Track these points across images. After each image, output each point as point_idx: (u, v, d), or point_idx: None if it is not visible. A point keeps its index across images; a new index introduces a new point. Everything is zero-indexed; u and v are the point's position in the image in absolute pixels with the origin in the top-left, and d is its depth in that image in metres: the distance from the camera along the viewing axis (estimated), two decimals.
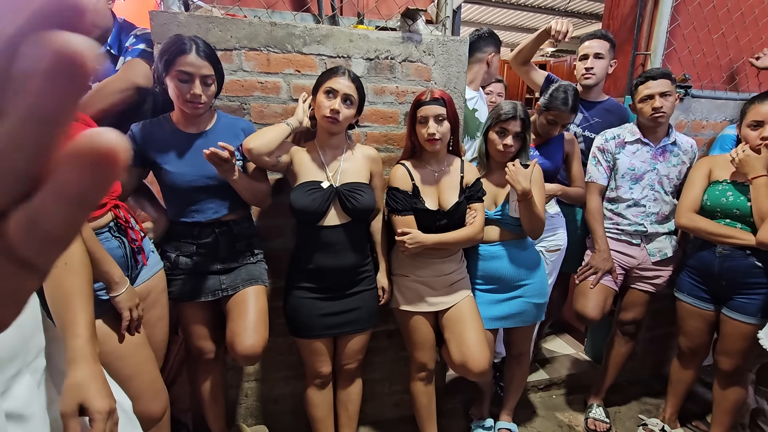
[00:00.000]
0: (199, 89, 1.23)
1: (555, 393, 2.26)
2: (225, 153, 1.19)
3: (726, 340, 1.69)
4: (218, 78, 1.30)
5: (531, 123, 1.58)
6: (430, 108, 1.43)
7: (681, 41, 2.11)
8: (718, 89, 2.24)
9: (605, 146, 1.89)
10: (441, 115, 1.44)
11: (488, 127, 1.59)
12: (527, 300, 1.65)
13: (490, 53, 2.02)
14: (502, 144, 1.55)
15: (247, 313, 1.39)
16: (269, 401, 1.81)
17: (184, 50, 1.20)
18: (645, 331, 2.26)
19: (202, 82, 1.24)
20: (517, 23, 6.98)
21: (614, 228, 1.92)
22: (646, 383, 2.34)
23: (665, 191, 1.85)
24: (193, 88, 1.22)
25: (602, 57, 1.97)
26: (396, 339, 1.86)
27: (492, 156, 1.62)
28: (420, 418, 1.72)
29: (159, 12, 1.37)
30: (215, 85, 1.29)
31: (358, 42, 1.55)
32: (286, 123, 1.39)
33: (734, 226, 1.63)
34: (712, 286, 1.71)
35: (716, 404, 1.79)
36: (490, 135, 1.58)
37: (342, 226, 1.43)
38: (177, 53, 1.20)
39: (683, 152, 1.85)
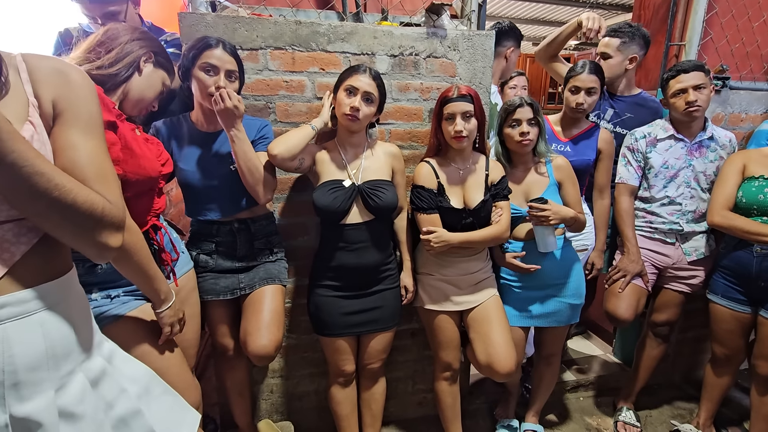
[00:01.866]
0: (223, 81, 1.26)
1: (582, 395, 2.21)
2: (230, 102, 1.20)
3: (765, 344, 1.62)
4: (240, 78, 1.32)
5: (540, 109, 1.56)
6: (457, 105, 1.41)
7: (718, 30, 2.01)
8: (758, 80, 2.13)
9: (635, 146, 1.82)
10: (468, 112, 1.42)
11: (501, 126, 1.57)
12: (562, 300, 1.61)
13: (510, 48, 1.99)
14: (519, 133, 1.51)
15: (262, 312, 1.39)
16: (294, 398, 1.83)
17: (210, 45, 1.25)
18: (677, 333, 2.18)
19: (227, 76, 1.27)
20: (542, 16, 6.82)
21: (647, 226, 1.85)
22: (678, 387, 2.26)
23: (702, 188, 1.77)
24: (218, 80, 1.25)
25: (609, 57, 1.90)
26: (420, 338, 1.85)
27: (512, 151, 1.59)
28: (444, 417, 1.70)
29: (187, 13, 1.39)
30: (237, 83, 1.31)
31: (383, 38, 1.53)
32: (311, 126, 1.39)
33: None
34: (749, 287, 1.64)
35: (754, 410, 1.71)
36: (505, 131, 1.55)
37: (364, 224, 1.43)
38: (204, 48, 1.25)
39: (721, 147, 1.77)
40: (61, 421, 0.63)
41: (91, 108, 0.69)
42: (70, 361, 0.67)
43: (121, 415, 0.72)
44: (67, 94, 0.66)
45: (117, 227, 0.69)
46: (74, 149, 0.65)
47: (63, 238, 0.65)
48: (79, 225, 0.63)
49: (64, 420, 0.63)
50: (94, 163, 0.67)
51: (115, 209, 0.68)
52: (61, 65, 0.68)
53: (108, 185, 0.68)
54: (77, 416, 0.65)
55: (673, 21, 2.04)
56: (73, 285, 0.72)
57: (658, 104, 1.98)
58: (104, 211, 0.65)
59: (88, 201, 0.63)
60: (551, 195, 1.56)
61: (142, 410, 0.75)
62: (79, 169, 0.65)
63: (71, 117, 0.66)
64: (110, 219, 0.67)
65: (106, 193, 0.67)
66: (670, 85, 1.70)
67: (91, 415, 0.67)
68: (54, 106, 0.65)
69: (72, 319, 0.68)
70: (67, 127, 0.66)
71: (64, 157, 0.65)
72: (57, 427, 0.62)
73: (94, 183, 0.66)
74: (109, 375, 0.73)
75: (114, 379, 0.73)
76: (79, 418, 0.65)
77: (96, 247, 0.67)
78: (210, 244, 1.41)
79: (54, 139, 0.65)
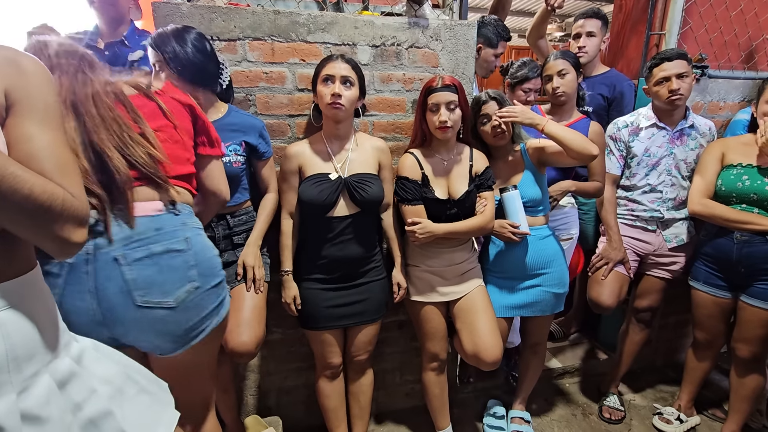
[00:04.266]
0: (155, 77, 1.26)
1: (568, 381, 2.24)
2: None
3: (744, 327, 1.66)
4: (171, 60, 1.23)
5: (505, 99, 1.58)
6: (441, 95, 1.40)
7: (697, 19, 2.03)
8: (735, 69, 2.16)
9: (617, 135, 1.84)
10: (453, 102, 1.41)
11: (474, 125, 1.58)
12: (546, 289, 1.62)
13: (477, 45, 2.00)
14: (491, 126, 1.53)
15: (242, 309, 1.37)
16: (282, 392, 1.82)
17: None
18: (658, 318, 2.23)
19: (155, 68, 1.27)
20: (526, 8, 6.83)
21: (629, 214, 1.88)
22: (660, 371, 2.32)
23: (682, 176, 1.80)
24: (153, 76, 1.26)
25: (594, 35, 2.07)
26: (407, 329, 1.86)
27: (491, 145, 1.61)
28: (432, 407, 1.72)
29: (162, 3, 1.35)
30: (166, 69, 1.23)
31: (364, 29, 1.51)
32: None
33: (751, 211, 1.58)
34: (730, 273, 1.67)
35: (734, 391, 1.76)
36: (479, 129, 1.58)
37: (350, 217, 1.42)
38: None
39: (701, 135, 1.80)
40: (24, 425, 0.60)
41: (47, 98, 0.66)
42: (33, 363, 0.64)
43: (90, 416, 0.69)
44: (21, 84, 0.63)
45: (80, 221, 0.65)
46: (30, 141, 0.62)
47: (20, 232, 0.61)
48: (37, 218, 0.60)
49: (27, 423, 0.61)
50: (52, 155, 0.63)
51: (77, 202, 0.64)
52: (14, 54, 0.65)
53: (69, 177, 0.65)
54: (42, 419, 0.62)
55: (653, 10, 2.05)
56: (37, 283, 0.69)
57: (620, 80, 2.06)
58: (65, 203, 0.62)
59: (46, 192, 0.60)
60: (528, 181, 1.57)
61: (113, 411, 0.72)
62: (36, 162, 0.61)
63: (26, 108, 0.63)
64: (72, 212, 0.63)
65: (67, 186, 0.64)
66: (653, 74, 1.71)
67: (58, 418, 0.64)
68: (6, 97, 0.62)
69: (36, 319, 0.65)
70: (21, 119, 0.62)
71: (19, 150, 0.62)
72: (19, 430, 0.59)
73: (53, 176, 0.62)
74: (77, 376, 0.70)
75: (83, 379, 0.71)
76: (44, 421, 0.62)
77: (56, 241, 0.63)
78: None
79: (8, 131, 0.62)
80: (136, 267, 0.90)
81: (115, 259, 0.89)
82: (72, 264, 0.86)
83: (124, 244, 0.90)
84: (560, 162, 1.54)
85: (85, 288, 0.88)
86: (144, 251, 0.92)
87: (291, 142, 1.54)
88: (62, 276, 0.87)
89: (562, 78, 1.73)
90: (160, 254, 0.93)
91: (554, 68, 1.73)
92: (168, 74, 1.24)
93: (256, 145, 1.38)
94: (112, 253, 0.89)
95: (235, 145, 1.35)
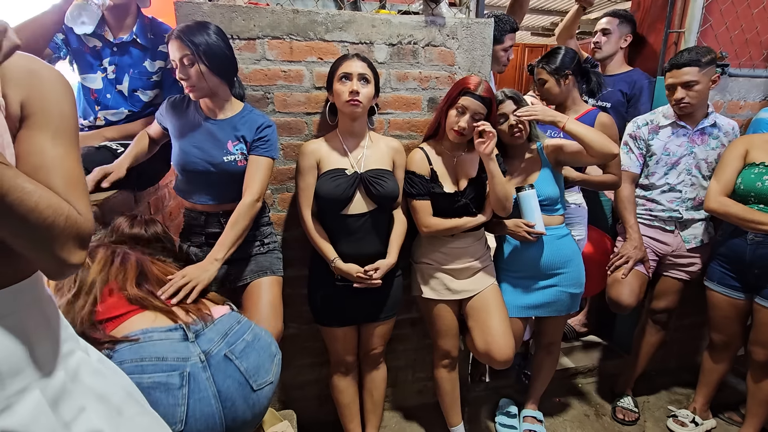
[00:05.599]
0: (181, 72, 1.26)
1: (581, 381, 2.23)
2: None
3: (760, 330, 1.63)
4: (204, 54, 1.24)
5: (522, 98, 1.58)
6: (475, 103, 1.39)
7: (718, 17, 2.00)
8: (757, 67, 2.12)
9: (637, 133, 1.83)
10: (481, 114, 1.41)
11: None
12: (562, 289, 1.62)
13: None
14: (508, 127, 1.53)
15: (259, 304, 1.39)
16: (295, 387, 1.84)
17: (170, 38, 1.26)
18: (674, 320, 2.20)
19: (182, 64, 1.25)
20: (540, 5, 6.76)
21: (647, 214, 1.86)
22: (674, 373, 2.29)
23: (703, 176, 1.77)
24: (178, 71, 1.26)
25: (609, 32, 2.13)
26: (419, 327, 1.87)
27: (508, 144, 1.61)
28: (444, 404, 1.72)
29: (183, 2, 1.38)
30: (199, 63, 1.24)
31: (381, 27, 1.52)
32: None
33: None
34: (744, 274, 1.65)
35: (751, 395, 1.74)
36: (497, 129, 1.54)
37: (366, 215, 1.43)
38: (167, 43, 1.28)
39: (724, 134, 1.77)
40: None
41: (64, 110, 0.63)
42: (20, 379, 0.59)
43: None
44: (39, 96, 0.61)
45: (82, 241, 0.60)
46: (40, 154, 0.59)
47: (19, 246, 0.57)
48: (39, 233, 0.55)
49: None
50: (62, 169, 0.60)
51: (82, 219, 0.60)
52: (36, 64, 0.63)
53: (77, 195, 0.61)
54: None
55: (672, 8, 2.02)
56: (32, 293, 0.63)
57: (642, 79, 2.08)
58: (69, 220, 0.57)
59: (51, 206, 0.55)
60: (545, 180, 1.56)
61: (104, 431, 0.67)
62: (44, 176, 0.58)
63: (41, 120, 0.60)
64: (76, 231, 0.59)
65: (74, 203, 0.60)
66: (665, 78, 1.71)
67: None
68: (23, 108, 0.60)
69: (26, 332, 0.60)
70: (34, 131, 0.60)
71: (28, 162, 0.58)
72: None
73: (61, 191, 0.59)
74: (68, 392, 0.64)
75: (73, 397, 0.65)
76: None
77: (55, 261, 0.58)
78: (200, 237, 1.41)
79: (19, 142, 0.59)
80: (243, 357, 0.98)
81: (226, 356, 0.96)
82: (191, 373, 0.89)
83: (225, 342, 0.98)
84: (579, 161, 1.54)
85: (210, 393, 0.91)
86: (242, 343, 1.01)
87: (308, 139, 1.55)
88: (184, 386, 0.88)
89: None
90: (252, 341, 1.03)
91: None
92: (197, 69, 1.25)
93: (250, 140, 1.35)
94: (222, 352, 0.96)
95: (242, 144, 1.36)
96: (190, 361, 0.89)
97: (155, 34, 1.57)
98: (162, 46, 1.58)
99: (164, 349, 0.88)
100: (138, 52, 1.55)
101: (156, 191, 1.86)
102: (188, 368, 0.89)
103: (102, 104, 1.55)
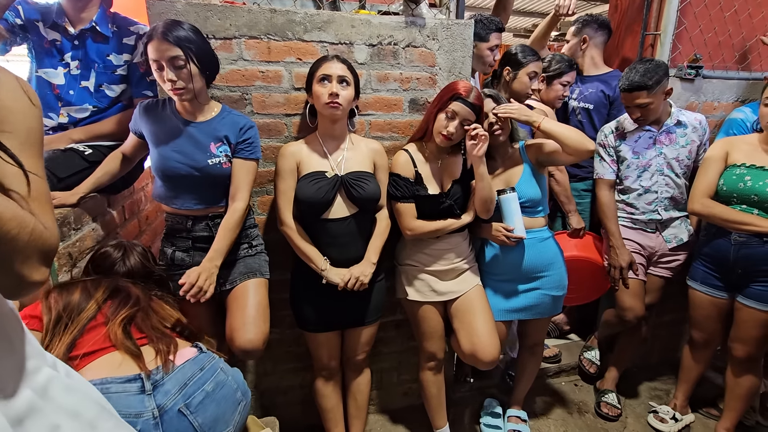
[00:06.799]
0: (170, 74, 1.19)
1: (564, 380, 2.25)
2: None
3: (741, 328, 1.66)
4: (196, 57, 1.22)
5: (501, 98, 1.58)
6: (465, 109, 1.39)
7: (692, 20, 2.04)
8: (730, 69, 2.17)
9: (605, 141, 1.87)
10: (470, 121, 1.41)
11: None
12: (545, 292, 1.62)
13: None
14: (488, 123, 1.52)
15: (246, 307, 1.36)
16: (279, 392, 1.81)
17: (150, 37, 1.19)
18: (653, 317, 2.24)
19: (171, 66, 1.19)
20: (521, 7, 6.84)
21: (628, 218, 1.89)
22: (655, 369, 2.33)
23: (676, 174, 1.81)
24: (165, 74, 1.20)
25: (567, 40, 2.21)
26: (404, 329, 1.86)
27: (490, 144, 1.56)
28: (429, 407, 1.72)
29: (156, 1, 1.34)
30: (189, 65, 1.20)
31: (360, 27, 1.51)
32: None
33: (751, 213, 1.58)
34: (727, 274, 1.67)
35: (729, 390, 1.77)
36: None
37: (348, 218, 1.41)
38: (146, 42, 1.20)
39: (692, 130, 1.80)
40: None
41: (30, 123, 0.61)
42: None
43: None
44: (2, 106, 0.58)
45: (46, 258, 0.57)
46: (5, 165, 0.56)
47: None
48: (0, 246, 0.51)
49: None
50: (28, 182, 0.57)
51: (48, 235, 0.57)
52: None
53: (43, 208, 0.58)
54: None
55: (648, 11, 2.06)
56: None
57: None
58: (33, 233, 0.54)
59: (16, 218, 0.52)
60: (527, 182, 1.57)
61: None
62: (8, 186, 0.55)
63: (6, 131, 0.58)
64: (41, 245, 0.55)
65: (39, 215, 0.57)
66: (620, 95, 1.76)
67: None
68: None
69: None
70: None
71: None
72: None
73: (25, 203, 0.56)
74: (38, 411, 0.61)
75: (45, 415, 0.62)
76: None
77: (12, 276, 0.54)
78: (186, 241, 1.37)
79: None
80: (199, 411, 0.95)
81: (180, 411, 0.92)
82: (141, 430, 0.87)
83: (182, 395, 0.94)
84: (558, 161, 1.55)
85: None
86: (201, 394, 0.97)
87: (288, 141, 1.53)
88: None
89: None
90: (212, 392, 1.00)
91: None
92: (188, 70, 1.21)
93: (234, 142, 1.34)
94: (177, 407, 0.92)
95: (225, 146, 1.33)
96: (142, 418, 0.88)
97: (119, 26, 1.53)
98: (127, 39, 1.54)
99: (119, 404, 0.86)
100: (100, 44, 1.50)
101: (131, 195, 1.81)
102: (139, 425, 0.87)
103: (65, 101, 1.50)
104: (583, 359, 2.23)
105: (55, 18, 1.47)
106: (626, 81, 1.67)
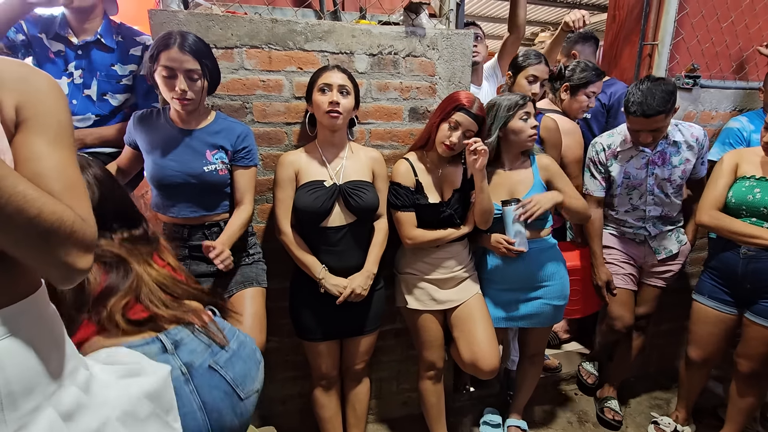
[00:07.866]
0: (183, 84, 1.21)
1: (564, 389, 2.24)
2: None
3: (748, 344, 1.62)
4: (209, 74, 1.27)
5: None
6: (469, 120, 1.39)
7: (689, 30, 2.06)
8: (727, 79, 2.19)
9: (597, 158, 1.82)
10: (472, 132, 1.41)
11: (506, 121, 1.51)
12: (546, 302, 1.61)
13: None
14: (531, 127, 1.51)
15: (243, 316, 1.36)
16: (277, 401, 1.80)
17: (167, 45, 1.19)
18: (651, 326, 2.24)
19: (187, 77, 1.22)
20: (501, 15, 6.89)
21: (617, 229, 1.90)
22: (653, 378, 2.32)
23: (665, 194, 1.77)
24: (178, 83, 1.21)
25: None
26: (404, 338, 1.85)
27: (506, 149, 1.57)
28: (429, 416, 1.71)
29: (158, 11, 1.35)
30: (203, 80, 1.25)
31: (361, 37, 1.52)
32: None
33: (761, 225, 1.53)
34: (736, 288, 1.62)
35: (732, 403, 1.74)
36: (516, 126, 1.51)
37: (346, 227, 1.42)
38: (161, 49, 1.20)
39: (686, 148, 1.74)
40: None
41: (61, 116, 0.63)
42: (33, 398, 0.58)
43: None
44: (34, 101, 0.60)
45: (87, 246, 0.60)
46: (39, 160, 0.59)
47: (24, 256, 0.56)
48: (44, 241, 0.54)
49: None
50: (62, 176, 0.59)
51: (86, 225, 0.59)
52: (28, 70, 0.62)
53: (78, 200, 0.60)
54: None
55: (646, 21, 2.08)
56: (40, 305, 0.63)
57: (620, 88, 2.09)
58: (74, 225, 0.57)
59: (56, 213, 0.55)
60: (534, 192, 1.56)
61: None
62: (45, 182, 0.57)
63: (37, 125, 0.60)
64: (81, 236, 0.58)
65: (76, 208, 0.59)
66: (629, 119, 1.64)
67: None
68: (18, 112, 0.59)
69: (37, 347, 0.60)
70: (32, 136, 0.59)
71: (26, 168, 0.58)
72: None
73: (62, 197, 0.58)
74: (85, 407, 0.65)
75: (92, 410, 0.66)
76: None
77: (62, 268, 0.57)
78: (183, 249, 1.37)
79: (16, 148, 0.58)
80: (228, 367, 0.96)
81: (210, 367, 0.93)
82: (174, 387, 0.87)
83: (210, 353, 0.95)
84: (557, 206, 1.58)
85: (194, 407, 0.89)
86: (228, 352, 0.98)
87: (288, 149, 1.53)
88: None
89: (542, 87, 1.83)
90: (237, 350, 1.01)
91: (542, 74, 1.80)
92: (200, 85, 1.25)
93: (232, 150, 1.35)
94: (206, 363, 0.93)
95: (221, 153, 1.34)
96: (171, 375, 0.86)
97: (124, 36, 1.54)
98: (133, 50, 1.55)
99: None
100: (104, 54, 1.51)
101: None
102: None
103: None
104: (581, 370, 2.23)
105: (59, 29, 1.47)
106: (646, 107, 1.53)
